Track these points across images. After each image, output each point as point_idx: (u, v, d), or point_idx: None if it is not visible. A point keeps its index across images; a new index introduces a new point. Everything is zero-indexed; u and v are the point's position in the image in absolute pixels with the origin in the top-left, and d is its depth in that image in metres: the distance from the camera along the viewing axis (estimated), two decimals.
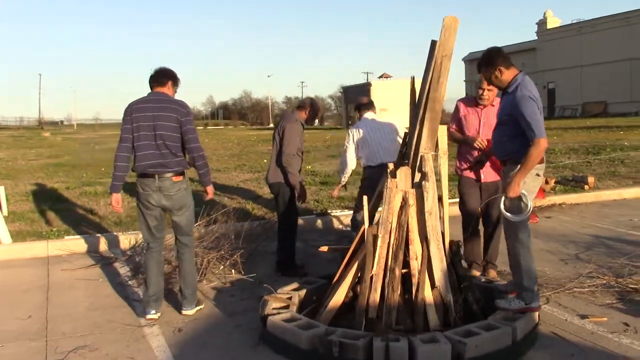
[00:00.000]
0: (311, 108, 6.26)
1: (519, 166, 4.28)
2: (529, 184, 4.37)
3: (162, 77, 4.91)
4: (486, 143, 5.42)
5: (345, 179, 6.77)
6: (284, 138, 6.00)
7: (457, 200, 5.91)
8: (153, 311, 4.89)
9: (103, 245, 7.52)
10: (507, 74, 4.42)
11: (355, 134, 6.52)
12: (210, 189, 5.11)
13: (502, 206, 4.41)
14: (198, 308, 5.08)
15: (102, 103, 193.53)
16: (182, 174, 4.83)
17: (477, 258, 5.78)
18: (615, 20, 48.41)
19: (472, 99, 5.72)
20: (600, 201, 10.11)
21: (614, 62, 47.48)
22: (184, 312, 4.99)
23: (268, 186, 6.33)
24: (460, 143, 5.77)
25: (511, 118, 4.34)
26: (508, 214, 4.37)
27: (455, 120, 5.80)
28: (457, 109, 5.81)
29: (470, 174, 5.70)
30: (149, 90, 4.94)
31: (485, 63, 4.49)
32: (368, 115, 6.64)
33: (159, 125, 4.67)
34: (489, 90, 5.42)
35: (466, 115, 5.67)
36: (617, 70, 47.34)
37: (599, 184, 11.07)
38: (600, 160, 14.11)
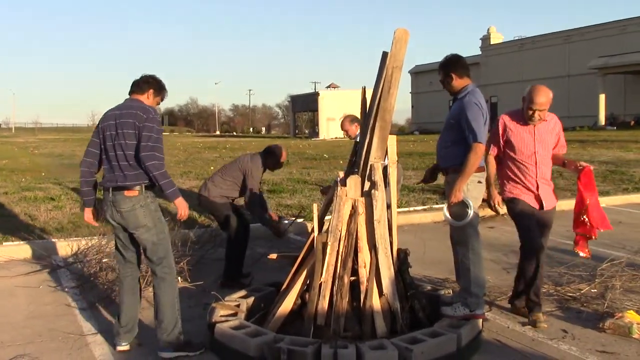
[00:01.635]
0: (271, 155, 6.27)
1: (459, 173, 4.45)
2: (472, 191, 4.53)
3: (143, 83, 4.43)
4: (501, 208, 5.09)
5: None
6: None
7: (407, 209, 5.94)
8: (124, 343, 4.40)
9: (44, 252, 7.30)
10: (458, 82, 4.59)
11: None
12: (178, 203, 4.34)
13: (445, 212, 4.56)
14: (180, 354, 4.26)
15: (43, 107, 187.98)
16: (137, 188, 4.24)
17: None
18: (554, 37, 50.21)
19: (519, 115, 4.87)
20: None
21: (554, 78, 49.13)
22: (159, 354, 4.30)
23: (200, 198, 6.27)
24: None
25: (457, 123, 4.49)
26: (451, 219, 4.52)
27: (497, 141, 4.94)
28: (500, 126, 4.92)
29: (530, 200, 4.89)
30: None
31: (443, 66, 4.68)
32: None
33: (119, 134, 4.22)
34: (540, 111, 4.71)
35: (516, 133, 4.83)
36: (556, 86, 48.54)
37: None
38: None
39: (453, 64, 4.65)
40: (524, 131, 4.82)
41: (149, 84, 4.44)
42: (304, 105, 62.69)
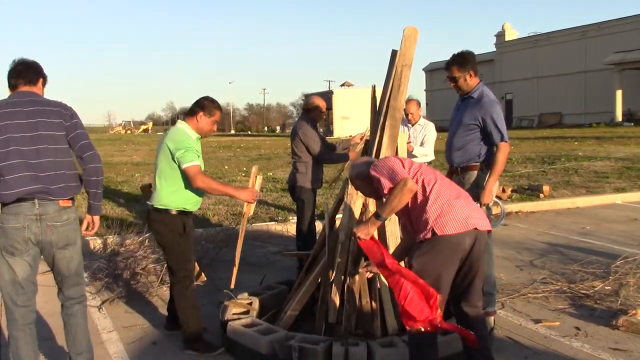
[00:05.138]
0: (309, 108, 6.24)
1: (488, 173, 4.52)
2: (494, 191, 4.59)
3: (33, 73, 3.66)
4: None
5: None
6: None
7: None
8: None
9: None
10: (474, 80, 4.60)
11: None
12: (97, 219, 3.75)
13: None
14: None
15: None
16: (72, 197, 3.58)
17: None
18: (570, 33, 49.71)
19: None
20: (555, 209, 10.36)
21: (569, 75, 48.71)
22: None
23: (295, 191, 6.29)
24: None
25: (476, 122, 4.50)
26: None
27: None
28: None
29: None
30: (10, 90, 3.67)
31: (461, 63, 4.60)
32: None
33: (40, 136, 3.47)
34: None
35: None
36: (572, 82, 48.56)
37: (553, 192, 11.35)
38: (555, 169, 14.47)
39: (473, 61, 4.62)
40: None
41: (39, 73, 3.72)
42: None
